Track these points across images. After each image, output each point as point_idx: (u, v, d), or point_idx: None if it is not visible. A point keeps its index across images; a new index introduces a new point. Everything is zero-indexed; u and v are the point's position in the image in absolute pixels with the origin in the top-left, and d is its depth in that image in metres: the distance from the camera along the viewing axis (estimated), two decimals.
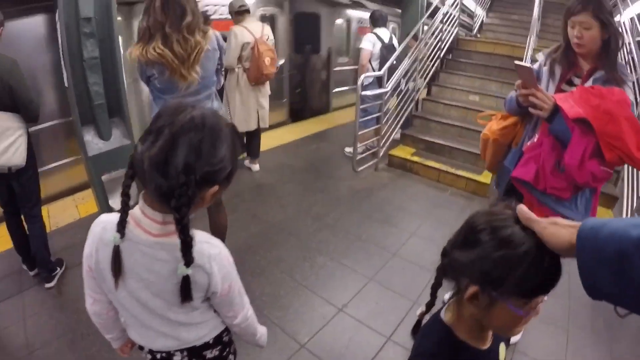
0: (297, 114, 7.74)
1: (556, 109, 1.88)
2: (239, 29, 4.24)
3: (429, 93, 6.87)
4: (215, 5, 5.40)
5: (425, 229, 3.94)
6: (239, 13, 4.35)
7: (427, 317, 1.07)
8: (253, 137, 4.77)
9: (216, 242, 1.16)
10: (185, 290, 1.06)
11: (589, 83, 1.99)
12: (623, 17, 6.25)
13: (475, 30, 9.83)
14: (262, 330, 1.47)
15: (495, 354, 1.03)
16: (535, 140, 2.11)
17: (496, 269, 0.82)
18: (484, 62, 7.31)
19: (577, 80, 2.06)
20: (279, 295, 2.87)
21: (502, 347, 1.06)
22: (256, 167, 4.84)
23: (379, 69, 5.25)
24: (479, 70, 7.13)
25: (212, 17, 5.13)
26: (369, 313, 2.79)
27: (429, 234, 3.85)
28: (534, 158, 2.07)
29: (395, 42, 5.66)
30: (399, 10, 8.60)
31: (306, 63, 7.85)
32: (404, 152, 5.64)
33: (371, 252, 3.47)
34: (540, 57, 2.25)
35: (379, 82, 5.20)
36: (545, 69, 2.17)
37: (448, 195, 4.87)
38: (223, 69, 2.79)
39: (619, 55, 2.11)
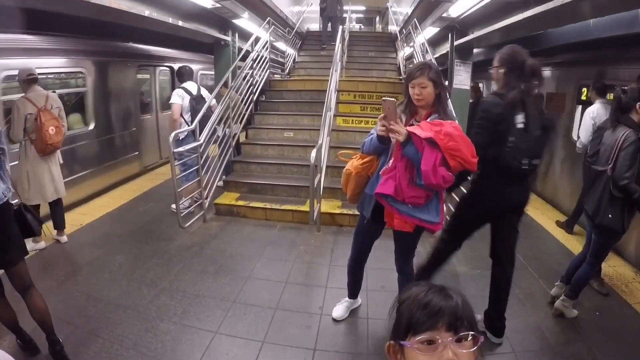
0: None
1: (409, 137, 2.51)
2: (20, 101, 4.14)
3: (246, 136, 7.24)
4: None
5: (259, 270, 4.22)
6: (26, 82, 4.21)
7: None
8: (55, 208, 4.58)
9: None
10: None
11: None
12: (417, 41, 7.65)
13: (287, 69, 10.60)
14: None
15: None
16: (390, 165, 2.70)
17: (396, 318, 1.02)
18: (295, 98, 8.07)
19: (416, 124, 2.68)
20: None
21: None
22: (64, 238, 4.61)
23: (192, 121, 5.44)
24: (291, 107, 7.82)
25: None
26: None
27: (263, 274, 4.13)
28: (391, 177, 2.66)
29: (203, 92, 5.89)
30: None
31: None
32: (228, 198, 5.88)
33: (211, 306, 3.57)
34: None
35: (194, 134, 5.35)
36: None
37: (277, 231, 5.24)
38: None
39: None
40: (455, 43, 8.07)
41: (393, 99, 2.55)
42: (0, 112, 4.92)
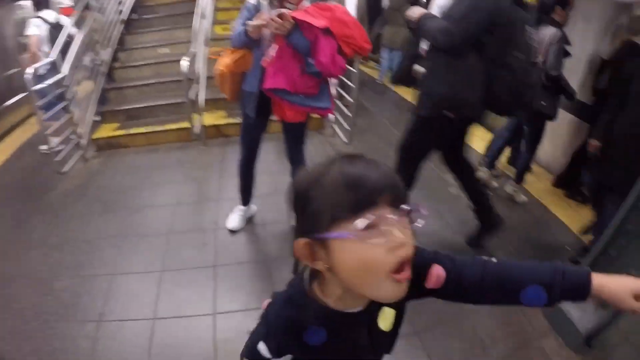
0: None
1: (295, 25, 2.38)
2: None
3: (117, 61, 6.59)
4: None
5: (147, 198, 4.08)
6: None
7: None
8: None
9: None
10: None
11: (303, 4, 2.57)
12: None
13: None
14: None
15: (367, 316, 0.90)
16: (274, 55, 2.53)
17: (304, 209, 0.77)
18: (169, 12, 7.39)
19: (290, 6, 2.51)
20: (40, 346, 2.62)
21: (387, 310, 0.92)
22: None
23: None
24: (166, 22, 7.21)
25: None
26: (124, 306, 2.84)
27: (152, 201, 4.02)
28: (279, 69, 2.53)
29: (62, 19, 5.29)
30: None
31: None
32: (106, 130, 5.48)
33: (103, 247, 3.43)
34: None
35: (56, 67, 4.81)
36: (265, 3, 2.64)
37: (162, 153, 5.04)
38: None
39: None
40: None
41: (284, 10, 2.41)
42: None
